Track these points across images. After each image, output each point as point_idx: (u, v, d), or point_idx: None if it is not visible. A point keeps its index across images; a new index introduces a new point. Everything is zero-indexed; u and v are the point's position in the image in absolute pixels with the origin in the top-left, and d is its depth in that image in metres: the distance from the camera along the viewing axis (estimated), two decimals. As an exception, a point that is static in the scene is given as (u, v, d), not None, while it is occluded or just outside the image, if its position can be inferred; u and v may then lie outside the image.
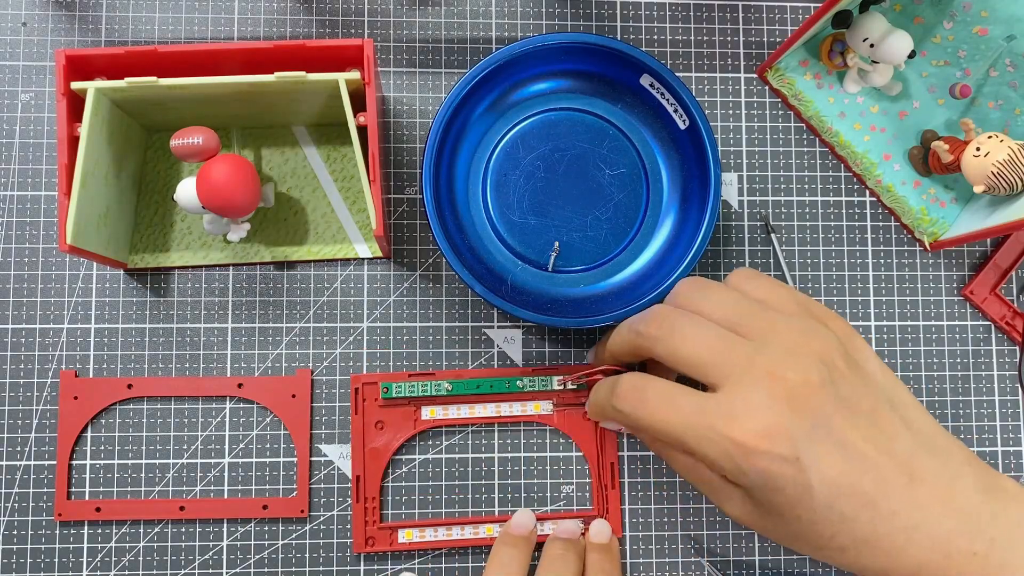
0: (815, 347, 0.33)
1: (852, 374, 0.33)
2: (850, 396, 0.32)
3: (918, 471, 0.32)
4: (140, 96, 0.37)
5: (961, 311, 0.44)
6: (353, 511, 0.40)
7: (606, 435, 0.42)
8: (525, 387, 0.41)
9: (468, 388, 0.41)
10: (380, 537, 0.40)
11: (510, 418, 0.41)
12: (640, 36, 0.45)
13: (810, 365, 0.32)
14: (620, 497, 0.42)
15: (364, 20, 0.44)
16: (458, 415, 0.41)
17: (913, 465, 0.32)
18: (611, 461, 0.42)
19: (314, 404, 0.41)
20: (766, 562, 0.42)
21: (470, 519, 0.41)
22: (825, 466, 0.31)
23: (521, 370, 0.42)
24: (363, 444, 0.41)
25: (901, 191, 0.44)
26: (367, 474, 0.40)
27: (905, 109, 0.44)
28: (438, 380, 0.41)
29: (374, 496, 0.40)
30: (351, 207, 0.42)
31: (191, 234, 0.42)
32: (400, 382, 0.41)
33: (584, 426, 0.41)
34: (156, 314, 0.42)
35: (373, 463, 0.41)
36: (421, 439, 0.42)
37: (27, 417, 0.41)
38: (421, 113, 0.44)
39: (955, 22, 0.41)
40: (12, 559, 0.40)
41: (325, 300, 0.42)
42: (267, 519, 0.41)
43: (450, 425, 0.41)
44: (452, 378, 0.41)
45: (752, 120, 0.45)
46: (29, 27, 0.43)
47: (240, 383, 0.41)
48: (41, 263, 0.42)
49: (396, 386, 0.41)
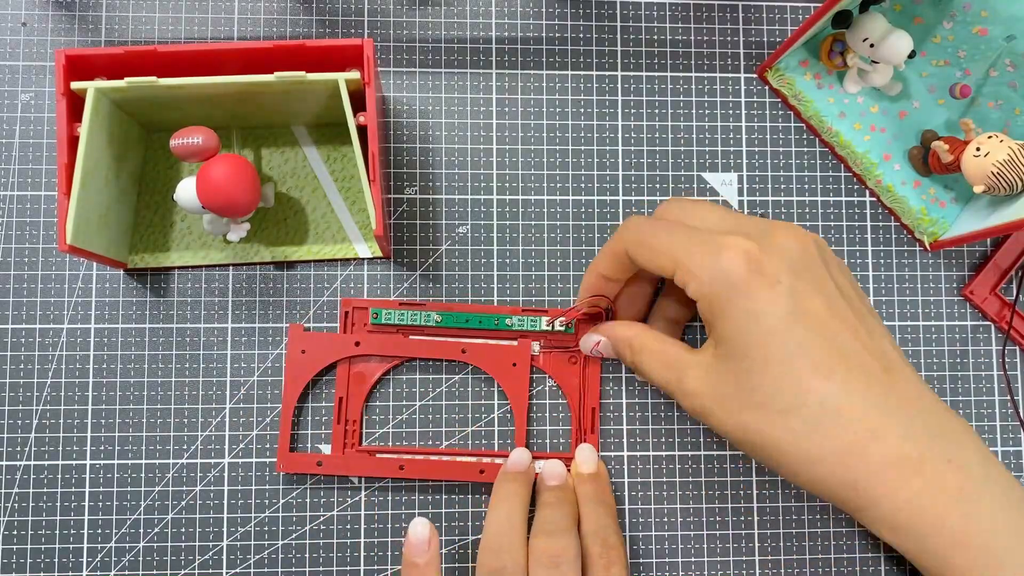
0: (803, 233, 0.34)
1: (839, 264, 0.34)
2: (837, 277, 0.33)
3: (895, 364, 0.32)
4: (140, 96, 0.37)
5: (961, 311, 0.44)
6: (333, 432, 0.41)
7: (589, 379, 0.42)
8: (514, 325, 0.41)
9: (457, 322, 0.41)
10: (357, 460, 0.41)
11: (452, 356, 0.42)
12: (640, 36, 0.45)
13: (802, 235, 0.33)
14: (598, 444, 0.42)
15: (364, 20, 0.44)
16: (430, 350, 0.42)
17: (890, 359, 0.32)
18: (592, 407, 0.42)
19: (313, 404, 0.41)
20: (766, 562, 0.42)
21: (445, 450, 0.41)
22: (805, 298, 0.31)
23: (511, 308, 0.42)
24: (348, 367, 0.41)
25: (901, 191, 0.44)
26: (349, 396, 0.41)
27: (905, 109, 0.44)
28: (428, 311, 0.41)
29: (355, 419, 0.41)
30: (351, 207, 0.42)
31: (191, 234, 0.42)
32: (390, 309, 0.41)
33: (569, 370, 0.42)
34: (156, 314, 0.42)
35: (356, 387, 0.41)
36: (407, 369, 0.42)
37: (27, 417, 0.41)
38: (421, 113, 0.44)
39: (955, 22, 0.41)
40: (12, 559, 0.40)
41: (325, 300, 0.42)
42: None
43: (436, 358, 0.42)
44: (442, 310, 0.41)
45: (752, 120, 0.45)
46: (29, 27, 0.43)
47: (464, 348, 0.41)
48: (41, 263, 0.42)
49: (386, 312, 0.41)
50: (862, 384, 0.31)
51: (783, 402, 0.31)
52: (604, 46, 0.45)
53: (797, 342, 0.31)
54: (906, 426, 0.31)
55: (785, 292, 0.31)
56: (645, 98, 0.44)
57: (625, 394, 0.43)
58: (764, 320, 0.31)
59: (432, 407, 0.42)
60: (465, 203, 0.43)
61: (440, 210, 0.43)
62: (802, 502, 0.43)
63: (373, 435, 0.42)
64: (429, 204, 0.43)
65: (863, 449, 0.30)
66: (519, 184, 0.44)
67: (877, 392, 0.31)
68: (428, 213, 0.43)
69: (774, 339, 0.31)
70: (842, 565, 0.42)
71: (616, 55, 0.44)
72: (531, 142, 0.44)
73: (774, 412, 0.31)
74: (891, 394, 0.31)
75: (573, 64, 0.44)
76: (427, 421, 0.42)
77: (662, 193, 0.44)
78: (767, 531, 0.42)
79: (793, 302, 0.31)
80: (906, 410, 0.31)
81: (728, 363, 0.32)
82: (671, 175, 0.44)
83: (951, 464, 0.31)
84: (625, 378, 0.43)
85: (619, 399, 0.43)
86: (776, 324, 0.31)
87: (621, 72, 0.44)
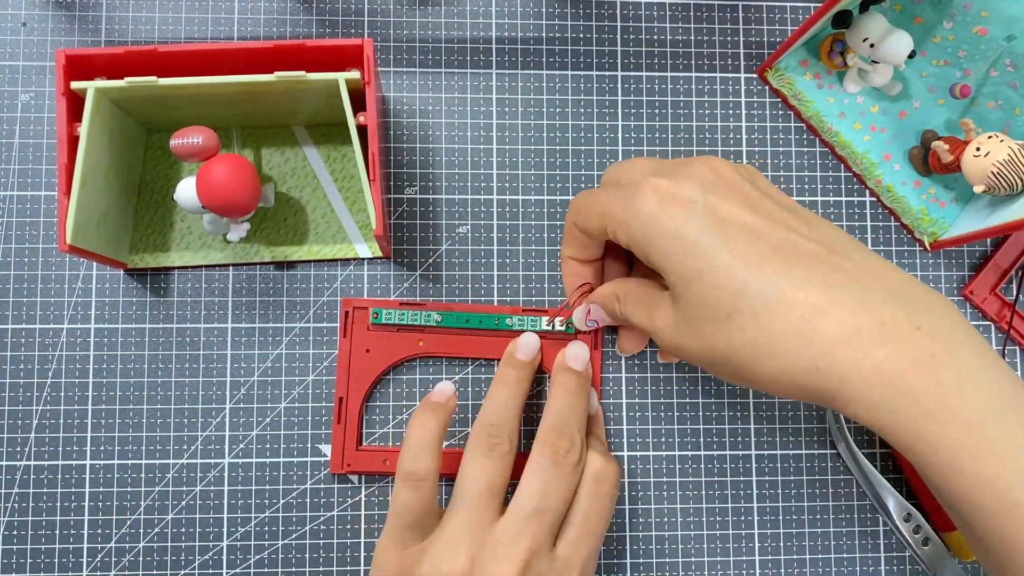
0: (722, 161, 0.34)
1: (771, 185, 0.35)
2: (767, 190, 0.34)
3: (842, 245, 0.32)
4: (140, 96, 0.37)
5: (961, 311, 0.44)
6: (333, 432, 0.41)
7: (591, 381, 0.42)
8: (514, 325, 0.42)
9: (457, 321, 0.41)
10: (357, 459, 0.41)
11: (496, 356, 0.42)
12: (640, 36, 0.45)
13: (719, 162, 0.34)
14: None
15: (364, 20, 0.44)
16: (445, 348, 0.42)
17: (835, 240, 0.32)
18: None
19: (312, 404, 0.41)
20: (766, 562, 0.42)
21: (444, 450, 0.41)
22: (723, 208, 0.31)
23: (511, 308, 0.42)
24: (348, 367, 0.41)
25: (901, 191, 0.44)
26: (349, 396, 0.41)
27: (905, 109, 0.44)
28: (428, 311, 0.41)
29: (354, 419, 0.41)
30: (351, 207, 0.42)
31: (191, 234, 0.42)
32: (391, 309, 0.41)
33: None
34: (156, 314, 0.42)
35: (356, 386, 0.41)
36: (407, 369, 0.42)
37: (27, 417, 0.41)
38: (421, 113, 0.44)
39: (955, 22, 0.41)
40: (12, 559, 0.40)
41: (325, 300, 0.42)
42: None
43: (436, 356, 0.42)
44: (442, 310, 0.41)
45: (752, 120, 0.45)
46: (29, 27, 0.43)
47: None
48: (41, 263, 0.42)
49: (386, 312, 0.41)
50: (802, 268, 0.30)
51: (727, 305, 0.30)
52: (604, 46, 0.45)
53: (722, 246, 0.30)
54: (858, 298, 0.29)
55: (700, 208, 0.31)
56: (645, 98, 0.44)
57: (625, 394, 0.43)
58: (686, 237, 0.31)
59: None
60: (465, 203, 0.43)
61: (440, 210, 0.43)
62: (802, 502, 0.43)
63: (373, 435, 0.42)
64: (429, 204, 0.43)
65: (813, 328, 0.29)
66: (519, 184, 0.44)
67: (820, 271, 0.30)
68: (428, 213, 0.43)
69: (699, 251, 0.31)
70: (842, 565, 0.42)
71: (616, 55, 0.44)
72: (531, 142, 0.44)
73: (723, 320, 0.31)
74: (838, 271, 0.30)
75: (573, 64, 0.44)
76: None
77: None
78: (767, 531, 0.42)
79: (710, 213, 0.31)
80: (859, 285, 0.30)
81: (678, 291, 0.32)
82: (671, 175, 0.44)
83: (920, 331, 0.29)
84: (625, 378, 0.43)
85: (619, 399, 0.43)
86: (699, 236, 0.31)
87: (621, 72, 0.44)
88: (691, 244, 0.31)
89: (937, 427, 0.28)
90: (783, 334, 0.29)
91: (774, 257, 0.30)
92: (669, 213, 0.32)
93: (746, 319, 0.30)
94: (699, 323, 0.32)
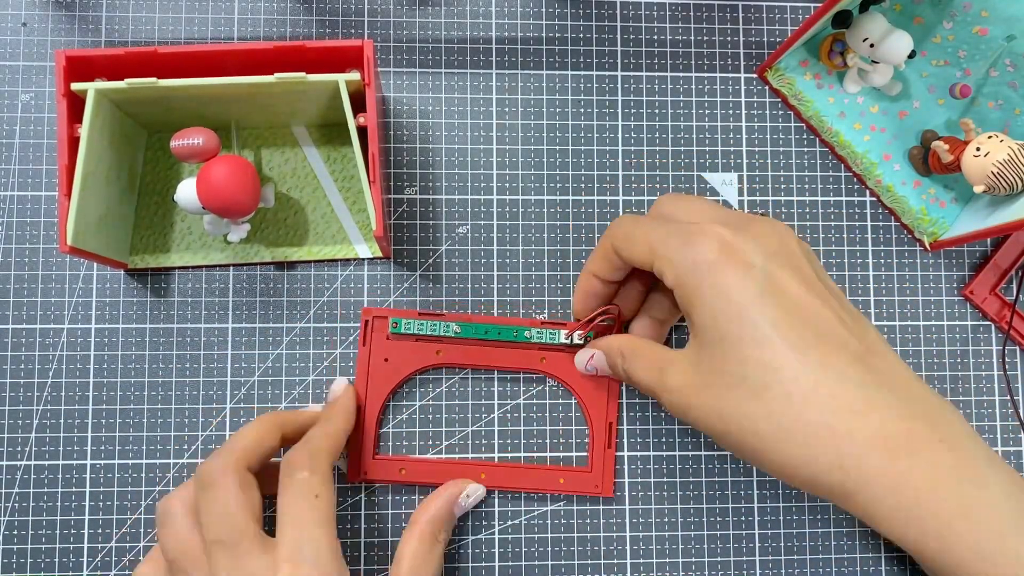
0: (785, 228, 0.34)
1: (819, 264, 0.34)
2: (818, 270, 0.33)
3: (877, 347, 0.32)
4: (140, 97, 0.37)
5: (961, 311, 0.44)
6: (350, 440, 0.41)
7: (609, 394, 0.42)
8: (533, 338, 0.41)
9: (477, 332, 0.41)
10: (373, 468, 0.41)
11: (515, 367, 0.42)
12: (640, 36, 0.45)
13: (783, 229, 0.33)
14: (614, 460, 0.42)
15: (364, 20, 0.44)
16: (464, 359, 0.42)
17: (872, 341, 0.32)
18: (610, 421, 0.42)
19: (312, 404, 0.41)
20: (766, 562, 0.42)
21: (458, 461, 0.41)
22: (780, 279, 0.31)
23: (530, 321, 0.42)
24: (367, 376, 0.41)
25: (901, 191, 0.44)
26: (368, 405, 0.41)
27: (905, 109, 0.44)
28: (447, 322, 0.41)
29: (372, 427, 0.41)
30: (351, 207, 0.42)
31: (191, 234, 0.42)
32: (410, 319, 0.41)
33: (587, 383, 0.42)
34: (156, 314, 0.42)
35: (375, 395, 0.41)
36: (425, 379, 0.42)
37: (27, 417, 0.41)
38: (421, 113, 0.44)
39: (955, 22, 0.41)
40: (12, 559, 0.40)
41: (325, 300, 0.42)
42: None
43: (454, 366, 0.42)
44: (461, 321, 0.41)
45: (752, 120, 0.45)
46: (29, 27, 0.43)
47: (543, 357, 0.42)
48: (41, 263, 0.42)
49: (406, 322, 0.41)
50: (841, 362, 0.30)
51: (758, 380, 0.30)
52: (604, 46, 0.45)
53: (770, 320, 0.30)
54: (890, 405, 0.30)
55: (759, 273, 0.31)
56: (645, 98, 0.44)
57: (625, 394, 0.43)
58: (736, 299, 0.30)
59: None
60: (465, 203, 0.43)
61: (440, 210, 0.43)
62: (802, 502, 0.43)
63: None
64: (429, 204, 0.43)
65: (846, 427, 0.29)
66: (519, 184, 0.44)
67: (858, 371, 0.30)
68: (428, 213, 0.43)
69: (746, 318, 0.30)
70: (842, 565, 0.42)
71: (616, 55, 0.44)
72: (531, 142, 0.44)
73: (749, 393, 0.30)
74: (873, 373, 0.30)
75: (573, 64, 0.44)
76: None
77: (662, 193, 0.44)
78: (767, 531, 0.42)
79: (767, 282, 0.31)
80: (890, 390, 0.30)
81: (705, 350, 0.32)
82: (671, 175, 0.44)
83: (943, 444, 0.30)
84: (625, 378, 0.43)
85: (619, 399, 0.43)
86: (749, 302, 0.30)
87: (621, 72, 0.44)
88: (739, 307, 0.30)
89: (960, 538, 0.29)
90: (813, 425, 0.30)
91: (818, 344, 0.30)
92: (726, 269, 0.31)
93: (776, 400, 0.30)
94: (721, 388, 0.31)
